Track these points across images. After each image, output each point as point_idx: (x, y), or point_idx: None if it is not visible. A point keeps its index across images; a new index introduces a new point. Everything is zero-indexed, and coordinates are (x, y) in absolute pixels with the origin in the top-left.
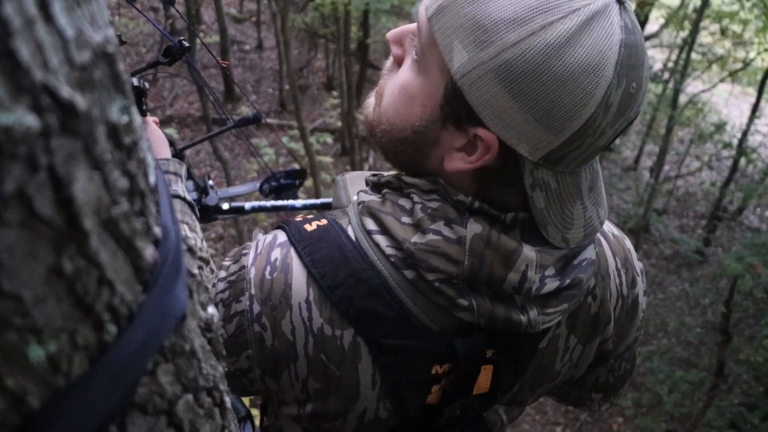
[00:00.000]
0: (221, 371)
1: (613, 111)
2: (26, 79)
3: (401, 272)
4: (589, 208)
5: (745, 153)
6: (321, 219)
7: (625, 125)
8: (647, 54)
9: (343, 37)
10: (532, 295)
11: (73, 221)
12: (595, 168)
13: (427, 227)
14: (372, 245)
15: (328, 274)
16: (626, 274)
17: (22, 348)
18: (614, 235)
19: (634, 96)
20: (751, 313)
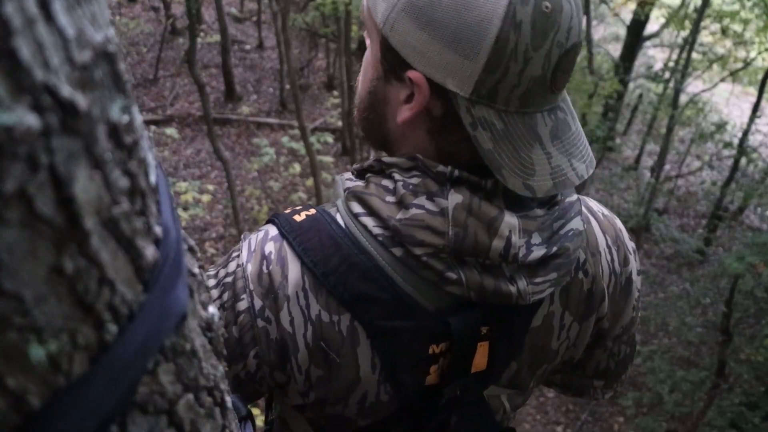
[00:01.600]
0: (222, 371)
1: (528, 31)
2: (27, 79)
3: (390, 251)
4: (555, 156)
5: (746, 152)
6: (309, 209)
7: (560, 53)
8: None
9: (343, 37)
10: (519, 262)
11: (73, 221)
12: (562, 118)
13: (410, 202)
14: (360, 228)
15: (320, 261)
16: (617, 252)
17: (23, 347)
18: (604, 215)
19: (552, 17)
20: (751, 312)
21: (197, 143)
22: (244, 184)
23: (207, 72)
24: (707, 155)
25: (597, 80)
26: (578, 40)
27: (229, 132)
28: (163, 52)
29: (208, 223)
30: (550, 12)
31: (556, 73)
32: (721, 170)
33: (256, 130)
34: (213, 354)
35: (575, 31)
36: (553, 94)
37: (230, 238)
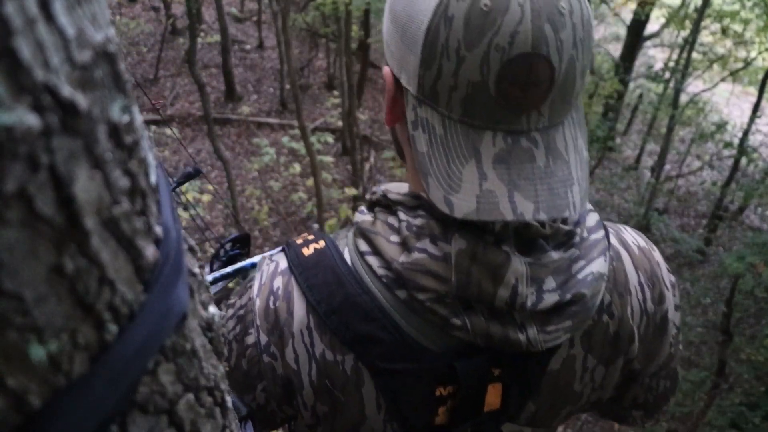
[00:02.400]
0: (222, 371)
1: (460, 26)
2: (27, 79)
3: (394, 293)
4: (490, 180)
5: (746, 152)
6: (319, 241)
7: (502, 59)
8: None
9: (344, 37)
10: (529, 311)
11: (74, 220)
12: (525, 146)
13: (413, 245)
14: (365, 267)
15: (324, 299)
16: (652, 290)
17: (23, 347)
18: (639, 248)
19: (491, 16)
20: (752, 312)
21: (197, 143)
22: (244, 184)
23: (207, 72)
24: (707, 155)
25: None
26: (531, 51)
27: (230, 132)
28: (164, 52)
29: (209, 223)
30: (488, 10)
31: (502, 83)
32: (721, 170)
33: (257, 130)
34: (213, 354)
35: (524, 40)
36: (511, 114)
37: None
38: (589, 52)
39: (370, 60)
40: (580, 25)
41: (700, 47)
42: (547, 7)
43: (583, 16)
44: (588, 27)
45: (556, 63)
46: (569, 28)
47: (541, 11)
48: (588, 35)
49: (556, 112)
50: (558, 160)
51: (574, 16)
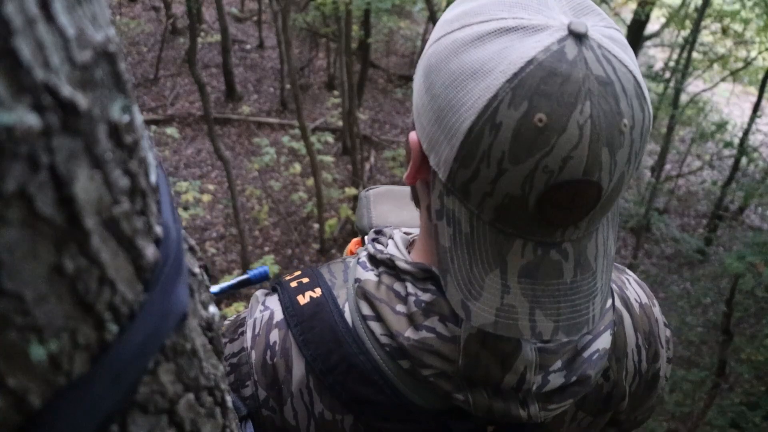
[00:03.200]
0: (222, 370)
1: (507, 137)
2: (27, 79)
3: (397, 362)
4: (513, 293)
5: (747, 152)
6: (315, 288)
7: (549, 182)
8: (611, 110)
9: (344, 37)
10: (531, 394)
11: (74, 220)
12: (555, 259)
13: (421, 323)
14: (367, 331)
15: (320, 357)
16: (648, 350)
17: (24, 347)
18: (641, 305)
19: (545, 134)
20: (752, 312)
21: (198, 143)
22: (244, 184)
23: (207, 72)
24: (708, 155)
25: None
26: (582, 177)
27: (230, 132)
28: (164, 52)
29: (209, 222)
30: (542, 127)
31: (545, 204)
32: (721, 170)
33: (257, 129)
34: (213, 353)
35: (577, 167)
36: (546, 228)
37: (231, 238)
38: (640, 159)
39: (370, 60)
40: (639, 138)
41: (701, 47)
42: (608, 129)
43: (644, 127)
44: (646, 135)
45: (605, 184)
46: (627, 145)
47: (600, 134)
48: (644, 144)
49: (593, 224)
50: (586, 272)
51: (634, 131)
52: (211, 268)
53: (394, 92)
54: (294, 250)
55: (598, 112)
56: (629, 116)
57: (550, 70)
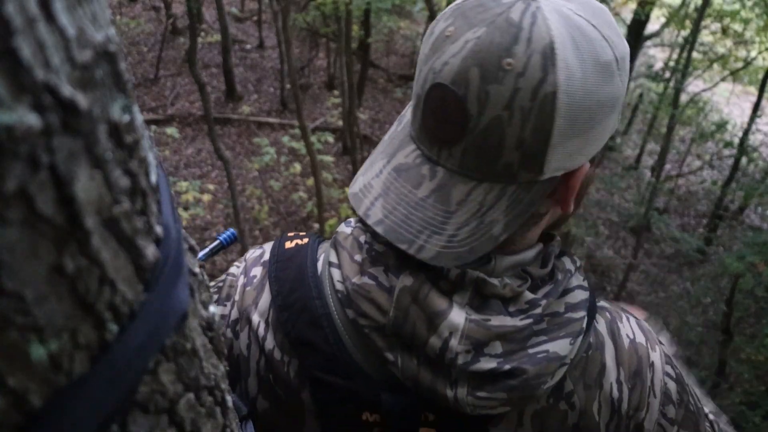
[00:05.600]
0: (222, 370)
1: (429, 43)
2: (28, 79)
3: (345, 310)
4: (378, 182)
5: (747, 152)
6: (305, 238)
7: (431, 82)
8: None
9: (344, 36)
10: (460, 369)
11: (74, 220)
12: (422, 173)
13: (366, 270)
14: (328, 277)
15: (282, 293)
16: (631, 391)
17: (24, 347)
18: (632, 342)
19: (447, 42)
20: (752, 311)
21: (198, 143)
22: (244, 184)
23: (208, 71)
24: (708, 155)
25: None
26: (449, 85)
27: (230, 131)
28: (164, 52)
29: (209, 222)
30: (447, 36)
31: (426, 107)
32: (721, 169)
33: (257, 129)
34: (213, 353)
35: (448, 73)
36: (427, 139)
37: None
38: (543, 133)
39: (370, 60)
40: (529, 94)
41: (701, 47)
42: (487, 55)
43: (539, 89)
44: (544, 104)
45: (472, 110)
46: (507, 88)
47: (477, 55)
48: (542, 114)
49: (470, 162)
50: (440, 203)
51: (522, 81)
52: (211, 268)
53: (394, 92)
54: None
55: (487, 37)
56: (519, 61)
57: (481, 2)
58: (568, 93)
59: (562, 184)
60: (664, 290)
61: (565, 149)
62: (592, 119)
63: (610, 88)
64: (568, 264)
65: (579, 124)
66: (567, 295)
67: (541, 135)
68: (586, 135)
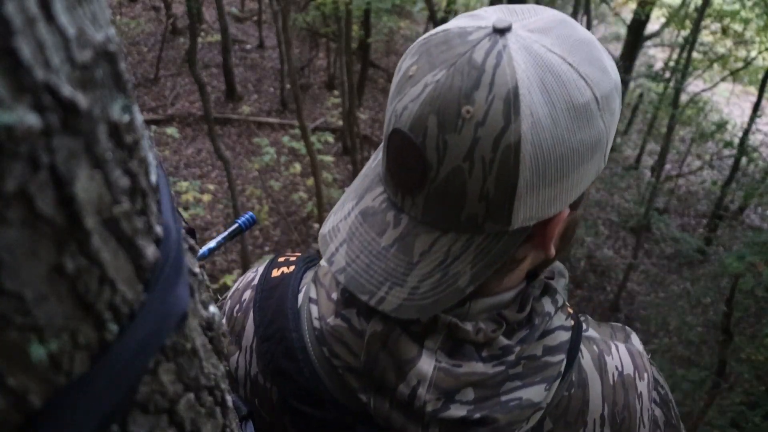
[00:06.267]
0: (222, 370)
1: (396, 80)
2: (28, 78)
3: (321, 348)
4: (345, 225)
5: (747, 152)
6: (291, 266)
7: (393, 125)
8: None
9: (344, 37)
10: (429, 415)
11: (74, 220)
12: (387, 220)
13: (340, 310)
14: (307, 312)
15: (263, 323)
16: (620, 425)
17: (24, 347)
18: (621, 375)
19: (409, 82)
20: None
21: (198, 143)
22: (244, 184)
23: (208, 71)
24: (708, 155)
25: None
26: (407, 132)
27: (230, 131)
28: (164, 52)
29: (209, 222)
30: (410, 76)
31: (389, 149)
32: (721, 170)
33: (257, 129)
34: (214, 353)
35: (407, 119)
36: (392, 183)
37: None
38: (507, 185)
39: (370, 59)
40: (490, 145)
41: (701, 47)
42: (445, 102)
43: (502, 141)
44: (509, 156)
45: (431, 160)
46: (466, 136)
47: (435, 101)
48: (507, 166)
49: (433, 212)
50: (403, 254)
51: (482, 130)
52: (211, 268)
53: None
54: (294, 250)
55: (446, 81)
56: (479, 108)
57: (447, 39)
58: (534, 143)
59: (538, 231)
60: (664, 290)
61: (535, 200)
62: (566, 167)
63: (589, 131)
64: (547, 306)
65: (550, 173)
66: (546, 337)
67: (506, 187)
68: (561, 184)
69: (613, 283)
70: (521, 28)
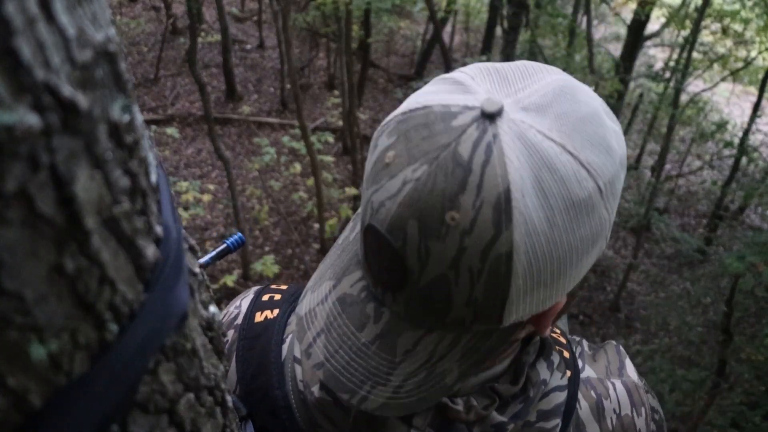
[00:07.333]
0: (222, 370)
1: (371, 162)
2: (28, 78)
3: (306, 412)
4: (322, 313)
5: (747, 152)
6: (275, 309)
7: (368, 220)
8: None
9: (344, 36)
10: None
11: (74, 220)
12: (366, 312)
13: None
14: (291, 371)
15: (247, 377)
16: None
17: (24, 347)
18: (618, 416)
19: (385, 172)
20: (752, 312)
21: (198, 143)
22: (244, 184)
23: (208, 71)
24: (708, 155)
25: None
26: (384, 233)
27: (230, 131)
28: (164, 52)
29: (209, 222)
30: (386, 164)
31: (366, 241)
32: (721, 170)
33: (257, 129)
34: (213, 353)
35: (383, 219)
36: (371, 276)
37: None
38: (497, 292)
39: (370, 60)
40: (478, 255)
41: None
42: (427, 206)
43: (491, 253)
44: (503, 269)
45: (412, 265)
46: (451, 245)
47: (415, 204)
48: (498, 276)
49: (416, 311)
50: (384, 352)
51: (468, 239)
52: (211, 269)
53: (394, 92)
54: (294, 250)
55: (428, 180)
56: (465, 215)
57: (428, 122)
58: (528, 251)
59: (533, 320)
60: (664, 290)
61: (529, 302)
62: (563, 267)
63: (589, 225)
64: (543, 372)
65: (545, 276)
66: (541, 401)
67: (496, 295)
68: (558, 282)
69: (613, 283)
70: (515, 107)
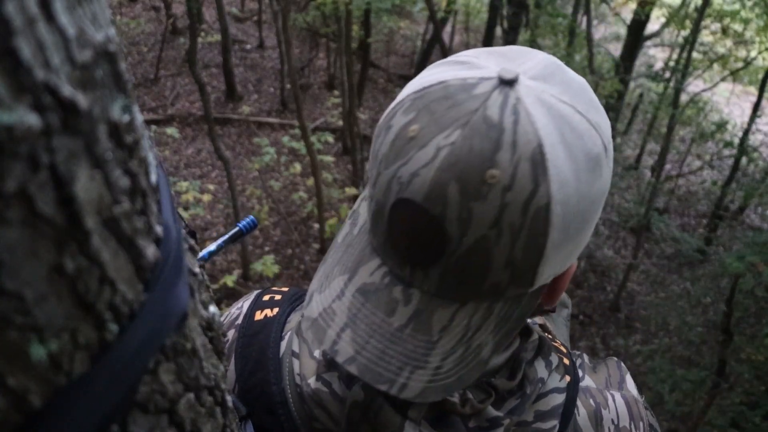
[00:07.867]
0: (222, 370)
1: (389, 141)
2: (28, 78)
3: (303, 405)
4: (341, 307)
5: (747, 152)
6: (275, 308)
7: (397, 194)
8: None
9: (344, 37)
10: None
11: (74, 220)
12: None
13: (321, 374)
14: (289, 366)
15: (245, 373)
16: None
17: (24, 347)
18: (616, 428)
19: (411, 144)
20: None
21: (198, 143)
22: (244, 184)
23: (208, 71)
24: (708, 155)
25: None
26: (420, 203)
27: (230, 131)
28: (164, 52)
29: (209, 222)
30: (411, 137)
31: (394, 221)
32: (721, 170)
33: (257, 129)
34: (213, 353)
35: (419, 188)
36: (396, 257)
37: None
38: (536, 248)
39: (370, 59)
40: (519, 210)
41: (701, 47)
42: (466, 166)
43: (532, 206)
44: (542, 222)
45: (452, 232)
46: (492, 203)
47: (454, 166)
48: (537, 230)
49: (450, 285)
50: (420, 334)
51: (509, 195)
52: (211, 268)
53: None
54: (294, 250)
55: (464, 143)
56: (504, 172)
57: (449, 93)
58: (563, 202)
59: (550, 286)
60: (664, 290)
61: (557, 258)
62: (585, 221)
63: (601, 181)
64: (541, 371)
65: (572, 230)
66: (539, 401)
67: (534, 251)
68: (578, 238)
69: (613, 283)
70: (524, 77)
